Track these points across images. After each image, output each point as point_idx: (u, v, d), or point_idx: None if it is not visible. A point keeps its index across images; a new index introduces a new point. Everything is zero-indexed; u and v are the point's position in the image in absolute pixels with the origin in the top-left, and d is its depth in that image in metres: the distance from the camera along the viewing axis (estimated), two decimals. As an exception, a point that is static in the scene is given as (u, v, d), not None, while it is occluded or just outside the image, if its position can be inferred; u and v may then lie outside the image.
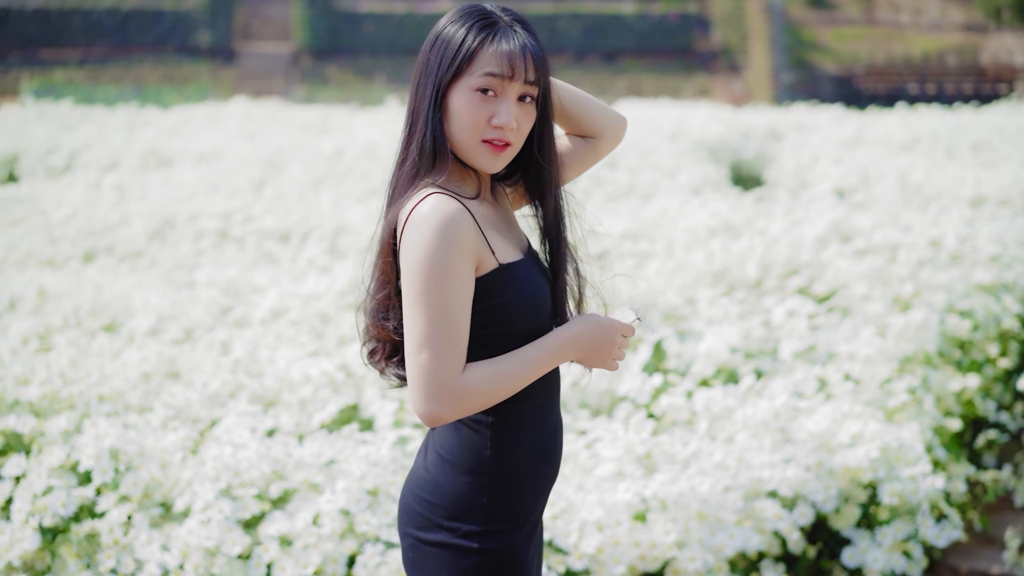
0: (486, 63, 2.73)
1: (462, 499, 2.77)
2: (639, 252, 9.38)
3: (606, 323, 2.83)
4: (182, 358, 6.00)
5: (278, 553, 4.26)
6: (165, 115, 21.17)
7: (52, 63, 39.39)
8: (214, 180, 12.87)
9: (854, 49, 40.64)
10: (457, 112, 2.75)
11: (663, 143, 16.18)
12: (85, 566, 4.40)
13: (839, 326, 6.62)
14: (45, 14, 40.71)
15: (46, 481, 4.47)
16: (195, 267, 9.29)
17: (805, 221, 9.84)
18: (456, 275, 2.64)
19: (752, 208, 10.79)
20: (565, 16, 41.25)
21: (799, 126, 19.44)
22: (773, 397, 5.32)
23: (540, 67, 2.78)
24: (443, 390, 2.64)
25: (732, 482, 4.70)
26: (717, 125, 18.49)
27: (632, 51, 41.12)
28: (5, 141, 16.93)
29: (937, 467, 5.65)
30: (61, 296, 7.61)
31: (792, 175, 15.05)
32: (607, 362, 2.84)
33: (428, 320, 2.63)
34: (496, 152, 2.77)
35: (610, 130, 3.10)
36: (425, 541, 2.79)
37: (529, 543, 2.86)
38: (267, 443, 4.63)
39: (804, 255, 8.15)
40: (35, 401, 5.10)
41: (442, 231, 2.63)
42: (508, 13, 2.81)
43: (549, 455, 2.88)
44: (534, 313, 2.80)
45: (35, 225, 10.74)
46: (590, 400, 5.75)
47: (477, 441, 2.78)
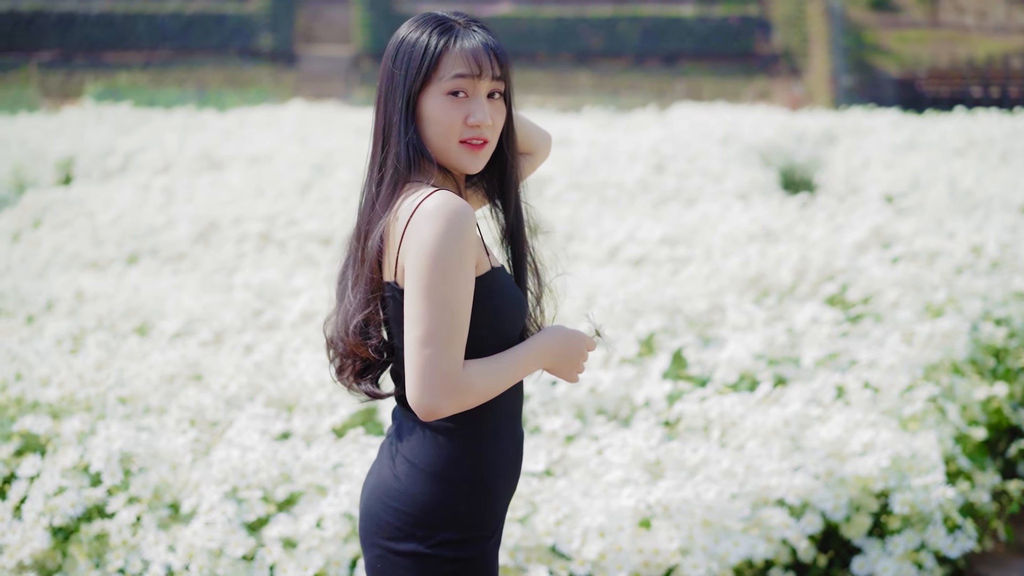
0: (453, 65, 2.76)
1: (437, 508, 2.76)
2: (677, 257, 9.37)
3: (575, 335, 2.87)
4: (205, 361, 6.06)
5: (281, 555, 4.30)
6: (222, 118, 21.38)
7: (116, 66, 39.93)
8: (261, 183, 12.98)
9: (917, 52, 40.28)
10: (431, 117, 2.78)
11: (713, 147, 16.13)
12: (94, 566, 4.46)
13: (865, 333, 6.57)
14: (110, 18, 41.26)
15: (58, 481, 4.54)
16: (235, 270, 9.38)
17: (846, 227, 9.78)
18: (463, 269, 2.66)
19: (795, 213, 10.74)
20: (624, 19, 41.19)
21: (854, 130, 19.32)
22: (787, 405, 5.30)
23: (504, 63, 2.82)
24: (446, 384, 2.65)
25: (740, 490, 4.69)
26: (770, 129, 18.40)
27: (692, 54, 40.98)
28: (64, 143, 17.18)
29: (960, 476, 5.61)
30: (97, 298, 7.71)
31: (843, 180, 14.96)
32: (572, 373, 2.87)
33: (435, 313, 2.64)
34: (475, 151, 2.81)
35: (543, 145, 3.17)
36: (396, 551, 2.77)
37: (496, 550, 2.87)
38: (274, 446, 4.68)
39: (840, 261, 8.10)
40: (54, 402, 5.18)
41: (452, 224, 2.65)
42: (460, 15, 2.84)
43: (516, 462, 2.90)
44: (517, 320, 2.84)
45: (82, 227, 10.88)
46: (607, 406, 5.75)
47: (453, 449, 2.78)
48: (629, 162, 14.77)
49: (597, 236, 10.08)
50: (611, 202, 12.61)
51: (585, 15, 41.35)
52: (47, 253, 10.08)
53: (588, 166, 14.44)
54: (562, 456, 5.12)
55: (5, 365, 5.44)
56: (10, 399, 5.18)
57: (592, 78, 38.66)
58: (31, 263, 9.88)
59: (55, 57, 41.03)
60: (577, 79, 38.43)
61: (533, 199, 7.01)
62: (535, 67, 40.60)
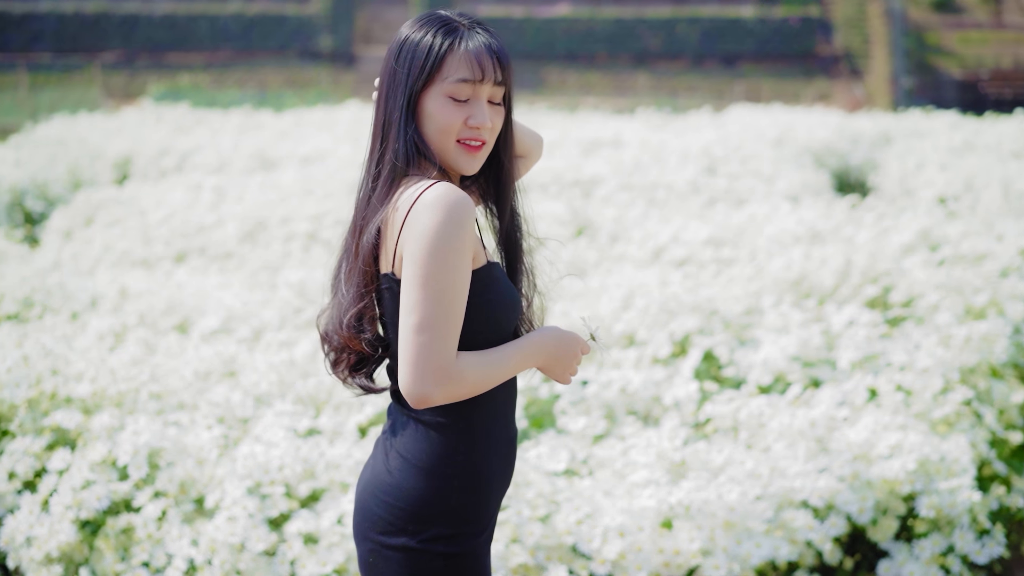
0: (456, 68, 2.79)
1: (429, 503, 2.78)
2: (721, 259, 9.33)
3: (570, 336, 2.88)
4: (241, 358, 6.11)
5: (302, 550, 4.34)
6: (278, 119, 21.53)
7: (179, 67, 40.33)
8: (311, 183, 13.06)
9: (980, 53, 39.82)
10: (432, 116, 2.81)
11: (766, 149, 16.04)
12: (120, 559, 4.52)
13: (902, 336, 6.52)
14: (173, 20, 41.68)
15: (86, 475, 4.60)
16: (281, 269, 9.45)
17: (894, 229, 9.70)
18: (462, 260, 2.68)
19: (843, 215, 10.66)
20: (684, 20, 41.05)
21: (912, 132, 19.13)
22: (816, 407, 5.27)
23: (506, 68, 2.85)
24: (438, 372, 2.67)
25: (763, 491, 4.67)
26: (825, 130, 18.26)
27: (751, 55, 40.76)
28: (122, 143, 17.37)
29: (996, 481, 5.55)
30: (141, 295, 7.80)
31: (897, 182, 14.84)
32: (564, 374, 2.89)
33: (432, 301, 2.66)
34: (472, 152, 2.84)
35: (535, 148, 3.18)
36: (388, 546, 2.79)
37: (488, 547, 2.88)
38: (297, 443, 4.71)
39: (884, 263, 8.04)
40: (86, 398, 5.25)
41: (452, 216, 2.68)
42: (465, 16, 2.87)
43: (508, 459, 2.91)
44: (511, 315, 2.86)
45: (132, 226, 11.00)
46: (637, 407, 5.74)
47: (445, 444, 2.80)
48: (680, 163, 14.72)
49: (642, 237, 10.06)
50: (660, 203, 12.57)
51: (644, 16, 41.24)
52: (97, 251, 10.20)
53: (639, 167, 14.40)
54: (587, 456, 5.12)
55: (40, 360, 5.52)
56: (44, 394, 5.25)
57: (650, 80, 38.57)
58: (81, 261, 10.00)
59: (119, 58, 41.49)
60: (635, 80, 38.36)
61: (581, 199, 7.02)
62: (593, 68, 40.57)
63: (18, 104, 32.21)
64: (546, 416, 5.74)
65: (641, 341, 6.68)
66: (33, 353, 5.57)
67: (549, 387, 5.90)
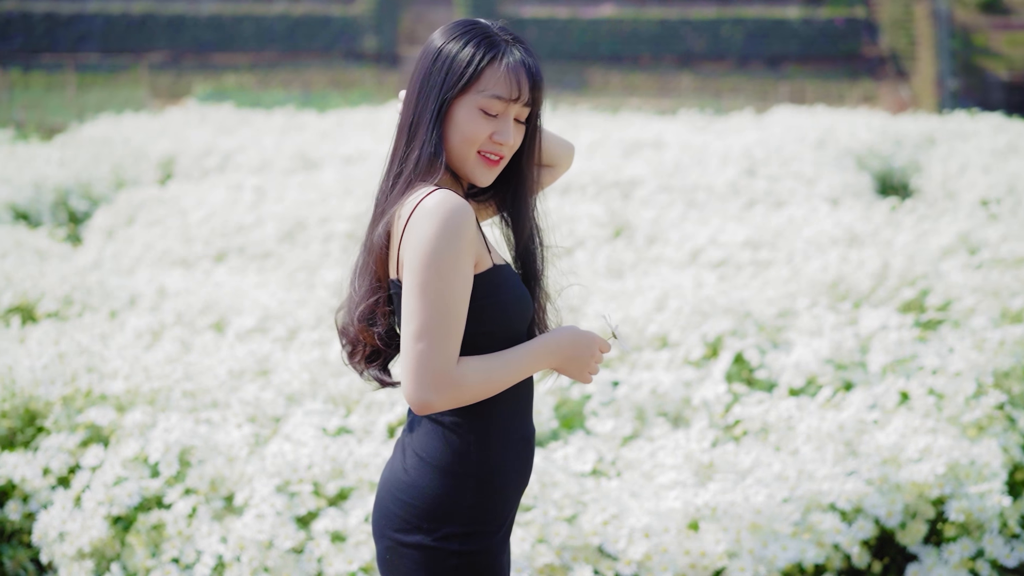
0: (493, 84, 2.82)
1: (443, 501, 2.81)
2: (759, 261, 9.32)
3: (587, 336, 2.89)
4: (275, 357, 6.16)
5: (329, 548, 4.38)
6: (321, 119, 21.64)
7: (224, 68, 40.58)
8: (351, 183, 13.13)
9: (1028, 55, 39.46)
10: (460, 125, 2.84)
11: (807, 151, 15.98)
12: (151, 555, 4.57)
13: (935, 339, 6.49)
14: (219, 20, 41.94)
15: (118, 472, 4.66)
16: (319, 268, 9.51)
17: (933, 232, 9.65)
18: (459, 267, 2.72)
19: (882, 218, 10.62)
20: (728, 21, 40.90)
21: (956, 134, 19.00)
22: (846, 410, 5.25)
23: (540, 89, 2.88)
24: (437, 379, 2.70)
25: (791, 494, 4.67)
26: (868, 132, 18.17)
27: (796, 56, 40.56)
28: (166, 143, 17.53)
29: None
30: (179, 294, 7.87)
31: (939, 185, 14.75)
32: (583, 374, 2.89)
33: (429, 309, 2.70)
34: (490, 165, 2.88)
35: (565, 158, 3.20)
36: (403, 543, 2.83)
37: (504, 546, 2.90)
38: (326, 441, 4.75)
39: (921, 266, 8.00)
40: (120, 395, 5.32)
41: (449, 223, 2.71)
42: (506, 32, 2.89)
43: (525, 459, 2.93)
44: (521, 316, 2.88)
45: (173, 225, 11.10)
46: (668, 408, 5.74)
47: (460, 444, 2.83)
48: (720, 165, 14.69)
49: (679, 239, 10.06)
50: (700, 205, 12.55)
51: (689, 17, 41.13)
52: (138, 250, 10.30)
53: (679, 169, 14.39)
54: (616, 457, 5.13)
55: (76, 358, 5.58)
56: (79, 391, 5.32)
57: (694, 81, 38.47)
58: (122, 259, 10.11)
59: (165, 59, 41.79)
60: (679, 82, 38.28)
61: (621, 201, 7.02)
62: (638, 69, 40.51)
63: (66, 104, 32.52)
64: (576, 417, 5.76)
65: (674, 343, 6.68)
66: (69, 351, 5.64)
67: (580, 388, 5.91)
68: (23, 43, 41.77)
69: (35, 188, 13.67)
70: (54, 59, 41.38)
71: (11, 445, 5.30)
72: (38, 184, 13.79)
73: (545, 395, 5.72)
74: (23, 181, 13.69)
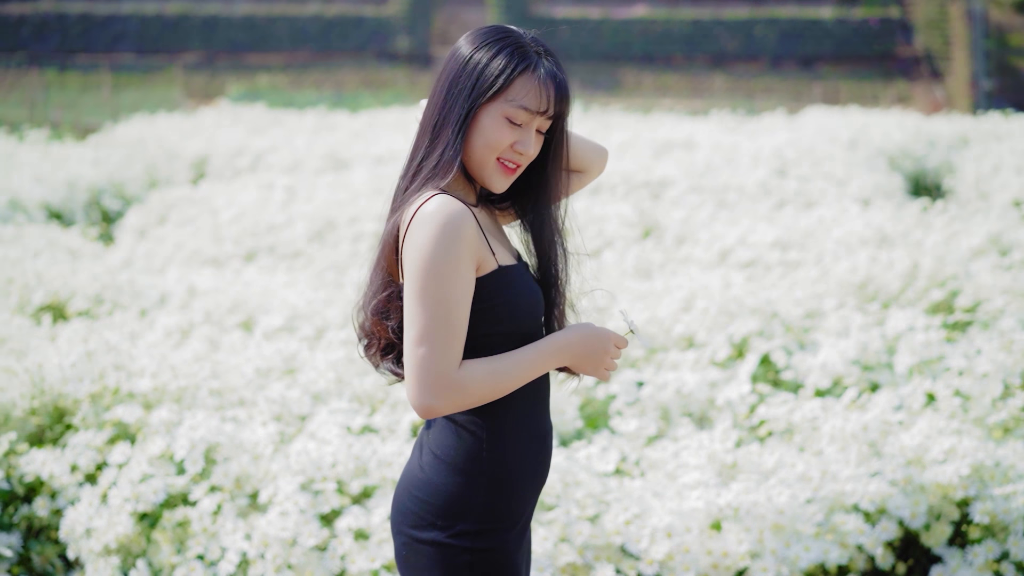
0: (523, 95, 2.85)
1: (456, 499, 2.84)
2: (788, 262, 9.30)
3: (600, 332, 2.91)
4: (302, 356, 6.19)
5: (352, 546, 4.40)
6: (352, 119, 21.68)
7: (258, 68, 40.72)
8: (381, 183, 13.17)
9: (1064, 55, 39.16)
10: (484, 131, 2.87)
11: (839, 151, 15.92)
12: (176, 551, 4.61)
13: (963, 340, 6.46)
14: (252, 21, 42.10)
15: (144, 469, 4.70)
16: (348, 268, 9.54)
17: (964, 233, 9.60)
18: (457, 272, 2.75)
19: (913, 219, 10.57)
20: (761, 21, 40.74)
21: (990, 135, 18.88)
22: (871, 410, 5.24)
23: (566, 103, 2.92)
24: (439, 384, 2.74)
25: (814, 495, 4.66)
26: (900, 133, 18.09)
27: (830, 57, 40.35)
28: (198, 143, 17.62)
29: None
30: (208, 293, 7.92)
31: (972, 185, 14.66)
32: (599, 370, 2.91)
33: (428, 315, 2.74)
34: (507, 173, 2.91)
35: (596, 164, 3.21)
36: (419, 540, 2.87)
37: (520, 543, 2.92)
38: (350, 440, 4.77)
39: (951, 267, 7.97)
40: (148, 393, 5.36)
41: (446, 229, 2.75)
42: (537, 43, 2.92)
43: (540, 457, 2.95)
44: (530, 316, 2.90)
45: (204, 225, 11.16)
46: (693, 408, 5.75)
47: (473, 442, 2.86)
48: (751, 166, 14.66)
49: (708, 239, 10.05)
50: (730, 205, 12.53)
51: (722, 17, 40.97)
52: (169, 249, 10.37)
53: (710, 169, 14.37)
54: (640, 457, 5.14)
55: (104, 356, 5.63)
56: (107, 389, 5.36)
57: (727, 81, 38.33)
58: (153, 259, 10.17)
59: (199, 59, 41.98)
60: (712, 82, 38.15)
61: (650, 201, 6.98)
62: (670, 70, 40.40)
63: (101, 104, 32.72)
64: (601, 417, 5.77)
65: (700, 343, 6.68)
66: (97, 349, 5.68)
67: (605, 388, 5.92)
68: (59, 44, 42.07)
69: (69, 188, 13.78)
70: (89, 60, 41.64)
71: (40, 442, 5.36)
72: (72, 184, 13.90)
73: (570, 395, 5.73)
74: (57, 181, 13.80)
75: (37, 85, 35.38)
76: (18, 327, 6.76)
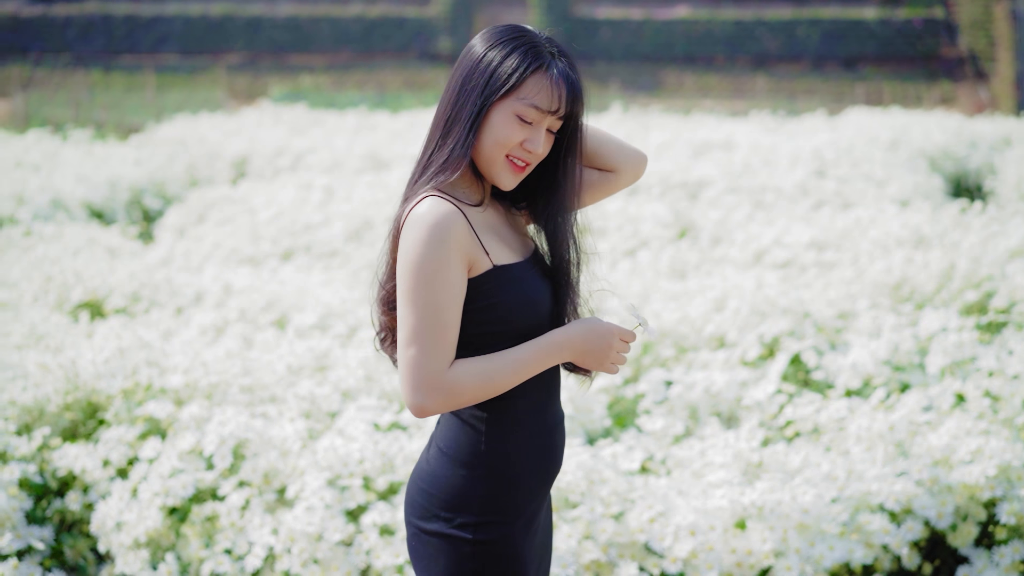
0: (535, 94, 2.88)
1: (458, 491, 2.90)
2: (823, 262, 9.28)
3: (603, 327, 2.91)
4: (334, 353, 6.24)
5: (377, 541, 4.44)
6: (393, 119, 21.75)
7: (300, 69, 40.93)
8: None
9: (1111, 56, 38.74)
10: (494, 128, 2.89)
11: (879, 152, 15.84)
12: (204, 545, 4.66)
13: (995, 341, 6.43)
14: (295, 22, 42.32)
15: (174, 464, 4.75)
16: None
17: (1002, 234, 9.55)
18: (445, 275, 2.79)
19: (950, 219, 10.51)
20: (804, 22, 40.56)
21: (1034, 136, 18.74)
22: (898, 411, 5.23)
23: (579, 103, 2.94)
24: (429, 384, 2.79)
25: (839, 494, 4.66)
26: (942, 134, 17.98)
27: (873, 57, 40.13)
28: (240, 143, 17.73)
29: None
30: (244, 292, 7.99)
31: (1013, 187, 14.56)
32: (604, 365, 2.92)
33: (417, 317, 2.78)
34: (516, 171, 2.94)
35: (628, 166, 3.19)
36: (425, 530, 2.93)
37: (526, 537, 2.95)
38: (376, 437, 4.81)
39: (986, 268, 7.93)
40: (179, 389, 5.42)
41: (433, 232, 2.79)
42: (552, 43, 2.95)
43: (546, 452, 2.97)
44: (529, 314, 2.92)
45: (242, 224, 11.24)
46: (722, 408, 5.75)
47: (474, 436, 2.91)
48: (790, 166, 14.62)
49: (744, 239, 10.04)
50: (767, 206, 12.50)
51: (764, 17, 40.81)
52: (207, 248, 10.45)
53: (748, 170, 14.34)
54: (666, 456, 5.15)
55: (136, 352, 5.70)
56: (139, 385, 5.43)
57: (769, 82, 38.16)
58: (192, 257, 10.25)
59: (243, 60, 42.25)
60: (754, 83, 37.99)
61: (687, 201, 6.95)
62: (712, 71, 40.29)
63: (145, 104, 32.98)
64: (629, 415, 5.78)
65: (731, 343, 6.68)
66: (130, 346, 5.75)
67: (634, 387, 5.94)
68: (104, 45, 42.44)
69: (110, 187, 13.91)
70: (134, 60, 41.99)
71: (73, 437, 5.43)
72: (113, 183, 14.03)
73: (598, 392, 5.75)
74: (99, 180, 13.92)
75: (82, 85, 35.72)
76: (56, 324, 6.85)
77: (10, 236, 10.41)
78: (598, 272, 3.15)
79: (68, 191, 13.05)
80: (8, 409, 5.34)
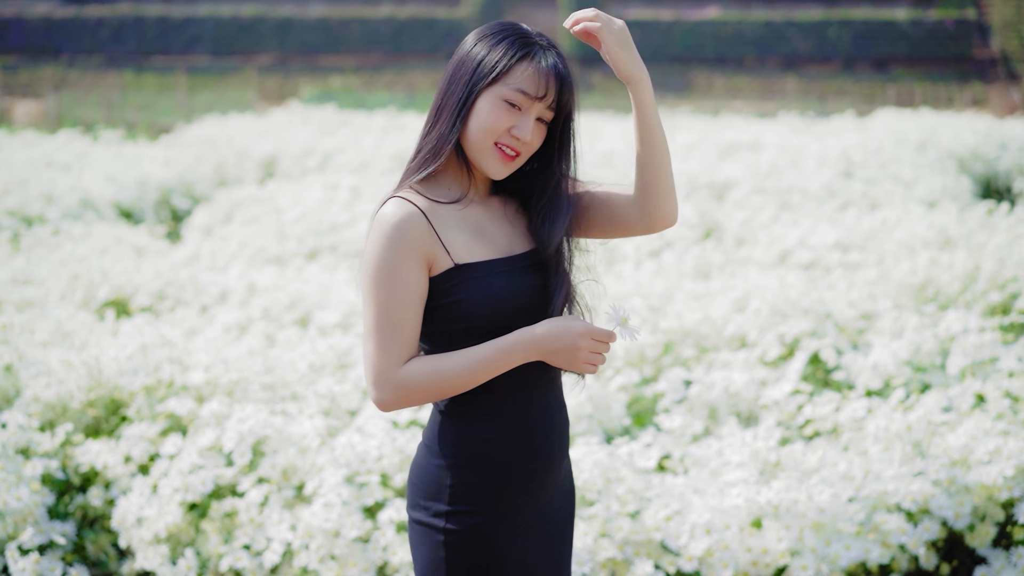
0: (521, 80, 2.91)
1: (433, 481, 2.98)
2: (848, 263, 9.26)
3: (570, 326, 2.87)
4: (356, 352, 6.27)
5: (394, 538, 4.47)
6: (421, 119, 21.78)
7: (331, 70, 41.11)
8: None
9: None
10: (482, 114, 2.92)
11: (907, 153, 15.80)
12: (223, 541, 4.70)
13: (1018, 342, 6.41)
14: (326, 23, 42.50)
15: (194, 460, 4.79)
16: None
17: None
18: (398, 275, 2.84)
19: (977, 221, 10.47)
20: (835, 23, 40.45)
21: (1064, 137, 18.64)
22: (916, 411, 5.22)
23: (568, 93, 2.95)
24: (381, 380, 2.87)
25: (856, 494, 4.66)
26: (972, 136, 17.90)
27: (904, 58, 39.98)
28: (269, 143, 17.83)
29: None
30: (268, 290, 8.03)
31: (1042, 188, 14.50)
32: (575, 365, 2.89)
33: (372, 314, 2.87)
34: (505, 160, 2.95)
35: (661, 202, 3.04)
36: (412, 518, 3.03)
37: (510, 531, 2.97)
38: (394, 434, 4.83)
39: (1011, 270, 7.90)
40: (200, 386, 5.46)
41: (388, 234, 2.86)
42: (542, 37, 2.98)
43: (526, 445, 2.98)
44: (493, 312, 2.92)
45: (269, 223, 11.30)
46: (741, 407, 5.75)
47: (451, 428, 2.97)
48: (817, 167, 14.59)
49: (768, 240, 10.03)
50: (793, 207, 12.48)
51: (794, 18, 40.74)
52: (234, 247, 10.51)
53: (774, 171, 14.32)
54: (684, 455, 5.16)
55: (158, 350, 5.74)
56: (161, 382, 5.47)
57: (799, 83, 38.09)
58: (218, 256, 10.31)
59: (273, 61, 42.47)
60: (784, 84, 37.93)
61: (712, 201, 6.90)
62: (742, 72, 40.25)
63: (176, 105, 33.18)
64: (648, 414, 5.79)
65: (752, 343, 6.68)
66: (152, 343, 5.80)
67: (653, 386, 5.95)
68: (136, 46, 42.74)
69: (139, 187, 14.02)
70: (166, 61, 42.28)
71: (96, 433, 5.48)
72: (142, 183, 14.13)
73: (618, 391, 5.76)
74: (128, 180, 14.03)
75: (114, 86, 35.93)
76: (81, 322, 6.91)
77: (39, 235, 10.50)
78: (607, 272, 3.17)
79: (97, 191, 13.16)
80: (32, 405, 5.39)
